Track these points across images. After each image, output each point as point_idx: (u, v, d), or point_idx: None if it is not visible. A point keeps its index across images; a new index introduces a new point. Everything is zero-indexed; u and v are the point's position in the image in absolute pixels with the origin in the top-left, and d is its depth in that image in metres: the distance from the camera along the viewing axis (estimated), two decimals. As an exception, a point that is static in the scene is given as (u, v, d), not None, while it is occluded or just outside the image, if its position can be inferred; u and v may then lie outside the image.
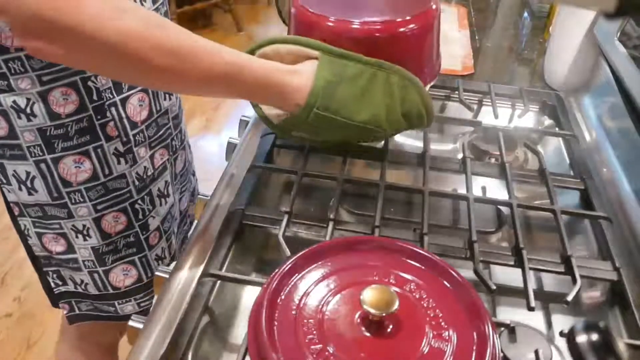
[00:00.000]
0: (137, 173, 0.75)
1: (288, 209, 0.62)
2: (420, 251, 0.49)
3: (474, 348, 0.41)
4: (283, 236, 0.58)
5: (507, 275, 0.59)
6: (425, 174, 0.69)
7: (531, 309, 0.52)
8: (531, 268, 0.57)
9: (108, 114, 0.68)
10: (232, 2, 3.28)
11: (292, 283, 0.46)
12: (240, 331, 0.57)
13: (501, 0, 1.36)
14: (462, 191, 0.67)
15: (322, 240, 0.57)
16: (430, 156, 0.72)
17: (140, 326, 0.53)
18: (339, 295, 0.45)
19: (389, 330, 0.42)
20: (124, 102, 0.70)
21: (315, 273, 0.47)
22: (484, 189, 0.74)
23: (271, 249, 0.67)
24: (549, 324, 0.57)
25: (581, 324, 0.49)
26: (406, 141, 0.84)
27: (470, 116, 0.85)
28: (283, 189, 0.76)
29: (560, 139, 0.83)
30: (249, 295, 0.61)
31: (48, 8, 0.45)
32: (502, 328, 0.50)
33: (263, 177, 0.72)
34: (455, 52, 1.04)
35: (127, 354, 0.50)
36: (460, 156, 0.74)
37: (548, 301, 0.60)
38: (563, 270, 0.58)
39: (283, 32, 0.76)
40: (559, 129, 0.83)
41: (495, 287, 0.54)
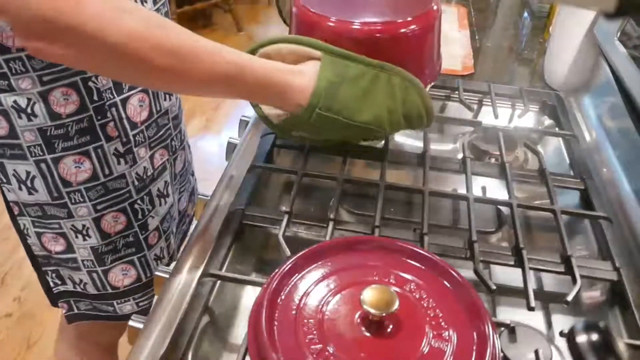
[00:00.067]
0: (137, 173, 0.75)
1: (288, 209, 0.62)
2: (420, 251, 0.49)
3: (474, 348, 0.41)
4: (283, 236, 0.58)
5: (507, 275, 0.59)
6: (425, 174, 0.69)
7: (531, 309, 0.52)
8: (531, 268, 0.57)
9: (108, 115, 0.68)
10: (232, 2, 3.28)
11: (292, 283, 0.46)
12: (240, 331, 0.57)
13: (501, 0, 1.36)
14: (462, 191, 0.67)
15: (322, 240, 0.57)
16: (430, 156, 0.72)
17: (140, 326, 0.53)
18: (339, 295, 0.45)
19: (389, 330, 0.42)
20: (124, 103, 0.70)
21: (315, 273, 0.47)
22: (484, 189, 0.74)
23: (271, 249, 0.67)
24: (549, 324, 0.57)
25: (581, 324, 0.49)
26: (406, 141, 0.84)
27: (470, 116, 0.85)
28: (283, 189, 0.76)
29: (560, 139, 0.83)
30: (249, 295, 0.61)
31: (48, 8, 0.45)
32: (502, 328, 0.50)
33: (263, 177, 0.72)
34: (455, 52, 1.04)
35: (127, 354, 0.50)
36: (460, 156, 0.74)
37: (548, 301, 0.60)
38: (563, 270, 0.58)
39: (283, 32, 0.76)
40: (559, 129, 0.83)
41: (495, 287, 0.54)
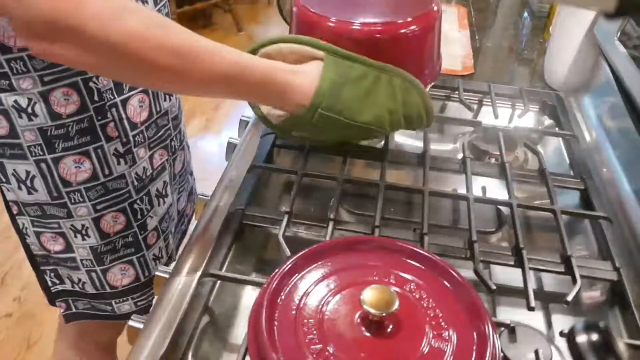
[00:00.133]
0: (137, 173, 0.75)
1: (288, 209, 0.62)
2: (420, 251, 0.49)
3: (474, 348, 0.41)
4: (283, 236, 0.58)
5: (507, 275, 0.59)
6: (425, 174, 0.69)
7: (531, 309, 0.52)
8: (531, 268, 0.57)
9: (109, 115, 0.68)
10: (232, 2, 3.28)
11: (292, 283, 0.46)
12: (240, 331, 0.57)
13: (501, 0, 1.36)
14: (462, 191, 0.67)
15: (322, 240, 0.57)
16: (430, 156, 0.72)
17: (140, 326, 0.53)
18: (339, 295, 0.45)
19: (389, 330, 0.42)
20: (125, 103, 0.70)
21: (315, 273, 0.47)
22: (484, 189, 0.74)
23: (271, 249, 0.67)
24: (549, 324, 0.57)
25: (581, 324, 0.49)
26: (406, 141, 0.84)
27: (470, 116, 0.85)
28: (283, 189, 0.76)
29: (560, 139, 0.83)
30: (249, 295, 0.61)
31: (48, 8, 0.45)
32: (502, 328, 0.50)
33: (263, 177, 0.72)
34: (455, 52, 1.04)
35: (127, 354, 0.50)
36: (460, 156, 0.74)
37: (548, 301, 0.60)
38: (563, 270, 0.58)
39: (284, 32, 0.76)
40: (559, 129, 0.83)
41: (495, 287, 0.54)
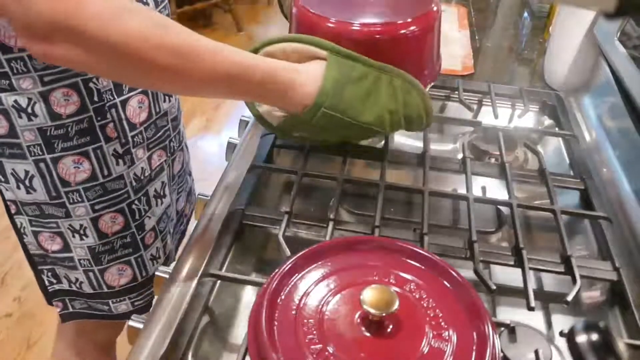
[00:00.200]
0: (135, 174, 0.75)
1: (288, 209, 0.62)
2: (420, 251, 0.49)
3: (474, 348, 0.41)
4: (283, 236, 0.58)
5: (507, 275, 0.59)
6: (425, 174, 0.69)
7: (531, 309, 0.52)
8: (531, 268, 0.57)
9: (108, 116, 0.68)
10: (232, 2, 3.28)
11: (292, 283, 0.46)
12: (240, 331, 0.57)
13: (501, 0, 1.36)
14: (462, 191, 0.67)
15: (322, 240, 0.57)
16: (430, 156, 0.72)
17: (140, 326, 0.53)
18: (339, 295, 0.45)
19: (389, 330, 0.42)
20: (124, 104, 0.70)
21: (315, 273, 0.47)
22: (484, 189, 0.74)
23: (271, 249, 0.67)
24: (549, 324, 0.57)
25: (581, 324, 0.49)
26: (406, 141, 0.84)
27: (470, 116, 0.85)
28: (283, 189, 0.76)
29: (560, 139, 0.83)
30: (249, 295, 0.61)
31: (48, 9, 0.45)
32: (502, 328, 0.50)
33: (263, 177, 0.72)
34: (455, 52, 1.04)
35: (127, 354, 0.50)
36: (460, 156, 0.74)
37: (548, 301, 0.59)
38: (563, 270, 0.58)
39: (284, 32, 0.76)
40: (559, 129, 0.83)
41: (495, 287, 0.54)
